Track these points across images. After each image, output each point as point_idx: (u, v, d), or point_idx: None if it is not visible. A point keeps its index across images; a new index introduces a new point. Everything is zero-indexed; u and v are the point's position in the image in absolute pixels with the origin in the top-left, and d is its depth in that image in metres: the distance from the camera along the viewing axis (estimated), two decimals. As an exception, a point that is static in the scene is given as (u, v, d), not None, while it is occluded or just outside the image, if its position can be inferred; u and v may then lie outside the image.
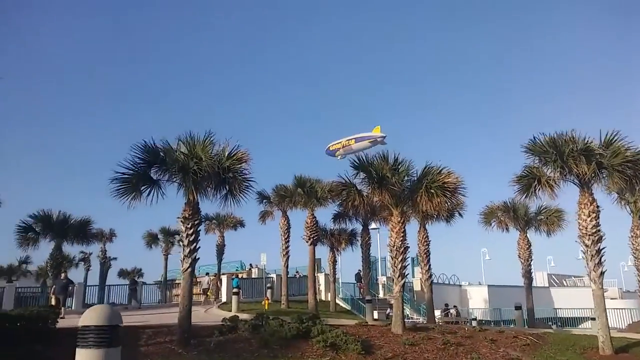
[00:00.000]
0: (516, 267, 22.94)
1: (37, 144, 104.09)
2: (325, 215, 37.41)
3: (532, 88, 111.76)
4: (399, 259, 15.19)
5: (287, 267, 26.57)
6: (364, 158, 15.03)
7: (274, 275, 29.72)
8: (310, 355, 12.73)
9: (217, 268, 33.60)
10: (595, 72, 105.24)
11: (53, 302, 19.44)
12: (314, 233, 24.45)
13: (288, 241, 26.26)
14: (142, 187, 13.23)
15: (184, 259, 13.42)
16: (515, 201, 22.22)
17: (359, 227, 27.62)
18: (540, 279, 45.51)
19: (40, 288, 30.15)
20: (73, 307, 23.51)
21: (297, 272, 32.46)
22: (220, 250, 33.46)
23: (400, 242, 15.22)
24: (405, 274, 15.42)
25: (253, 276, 33.59)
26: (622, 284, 50.93)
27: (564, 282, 46.12)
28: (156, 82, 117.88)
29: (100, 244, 31.86)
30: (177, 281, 35.35)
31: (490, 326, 25.10)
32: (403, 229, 15.40)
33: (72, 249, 29.83)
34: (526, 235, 22.50)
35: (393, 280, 15.44)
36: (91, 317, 4.51)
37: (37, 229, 24.27)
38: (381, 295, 33.80)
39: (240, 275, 33.95)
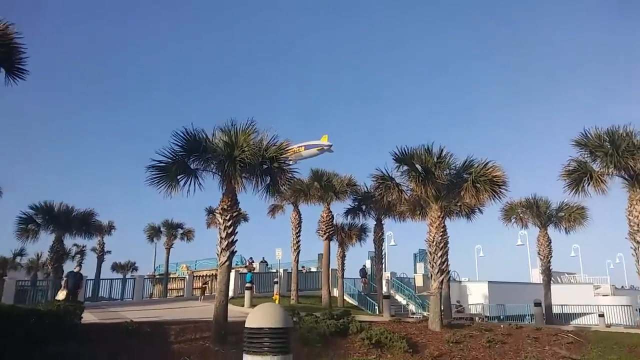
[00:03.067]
0: (511, 264, 22.91)
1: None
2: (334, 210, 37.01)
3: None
4: (439, 254, 14.74)
5: (298, 261, 26.00)
6: (406, 150, 14.48)
7: (281, 270, 29.03)
8: (354, 353, 12.24)
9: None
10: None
11: (62, 296, 18.35)
12: (330, 228, 23.93)
13: (299, 235, 25.70)
14: (180, 176, 12.49)
15: (221, 252, 12.74)
16: (537, 197, 22.11)
17: (369, 222, 27.37)
18: (536, 275, 45.89)
19: (44, 282, 28.70)
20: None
21: (303, 267, 31.84)
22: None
23: (440, 237, 14.77)
24: (445, 269, 14.98)
25: (255, 271, 32.83)
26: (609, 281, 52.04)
27: (559, 278, 46.56)
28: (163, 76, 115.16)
29: (98, 236, 30.64)
30: (171, 275, 34.48)
31: (492, 322, 25.10)
32: (443, 224, 14.96)
33: (67, 242, 28.45)
34: (546, 232, 22.34)
35: (431, 276, 14.97)
36: (264, 318, 3.86)
37: (38, 221, 23.16)
38: (384, 291, 33.45)
39: (240, 271, 33.19)
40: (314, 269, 34.61)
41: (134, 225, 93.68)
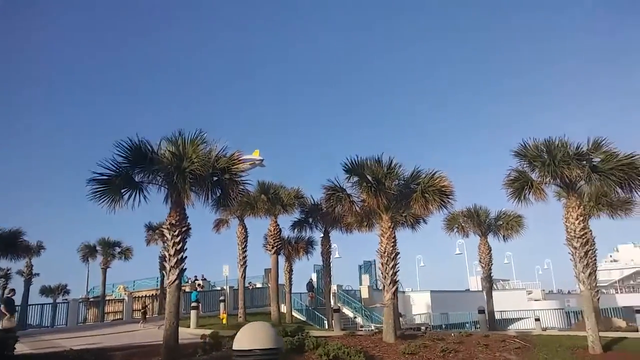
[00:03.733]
0: (449, 273, 23.69)
1: None
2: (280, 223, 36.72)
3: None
4: (390, 265, 14.84)
5: (245, 278, 25.34)
6: (357, 161, 14.54)
7: (227, 288, 28.16)
8: (312, 370, 11.97)
9: (159, 281, 31.17)
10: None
11: (11, 323, 16.46)
12: (277, 241, 23.53)
13: (245, 250, 25.08)
14: (124, 190, 11.77)
15: (170, 270, 12.11)
16: (477, 207, 22.95)
17: (315, 235, 27.25)
18: (474, 283, 47.69)
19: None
20: None
21: (249, 283, 31.09)
22: (164, 262, 31.08)
23: (391, 248, 14.89)
24: (397, 280, 15.10)
25: (198, 290, 31.64)
26: (540, 286, 55.13)
27: (495, 285, 48.63)
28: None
29: (26, 258, 28.24)
30: (108, 298, 32.47)
31: (439, 331, 25.69)
32: (393, 235, 15.10)
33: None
34: (487, 240, 23.20)
35: (384, 287, 15.02)
36: (254, 339, 3.55)
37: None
38: (333, 304, 33.32)
39: (183, 289, 31.88)
40: (259, 285, 33.91)
41: (64, 245, 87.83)
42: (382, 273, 15.02)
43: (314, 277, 35.36)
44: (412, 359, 12.83)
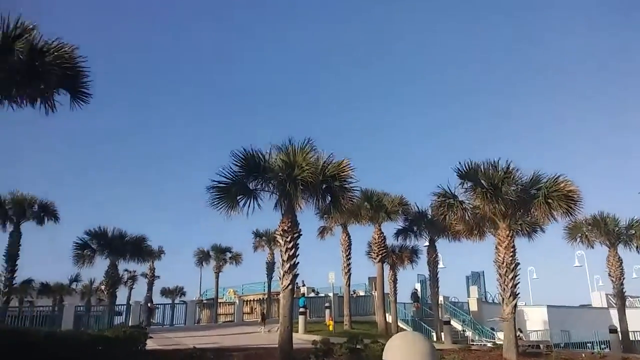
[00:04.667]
0: (565, 287, 21.27)
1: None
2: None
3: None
4: (510, 276, 13.81)
5: (350, 285, 25.31)
6: (471, 165, 13.78)
7: (331, 295, 28.32)
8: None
9: (267, 286, 32.33)
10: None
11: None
12: (382, 249, 23.14)
13: (349, 258, 25.12)
14: (239, 197, 12.26)
15: (283, 275, 12.32)
16: (605, 214, 20.73)
17: (419, 243, 26.51)
18: (597, 298, 43.19)
19: (98, 307, 29.13)
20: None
21: (353, 291, 31.03)
22: (271, 268, 32.24)
23: (510, 258, 13.87)
24: (517, 293, 14.00)
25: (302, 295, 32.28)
26: None
27: (627, 302, 43.59)
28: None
29: (149, 261, 30.98)
30: (220, 300, 34.29)
31: (561, 350, 23.38)
32: (512, 244, 14.07)
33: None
34: (616, 252, 20.83)
35: (502, 300, 14.00)
36: (408, 350, 3.31)
37: (93, 246, 23.53)
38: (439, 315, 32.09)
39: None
40: (362, 293, 33.73)
41: (178, 250, 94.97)
42: (500, 285, 14.02)
43: (417, 287, 34.39)
44: (539, 379, 11.83)
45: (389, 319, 26.55)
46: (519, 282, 14.03)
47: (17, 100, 10.27)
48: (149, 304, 18.07)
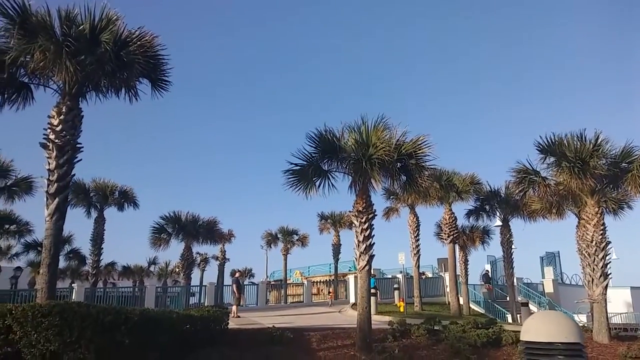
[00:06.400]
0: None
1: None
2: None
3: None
4: (600, 256, 12.98)
5: (419, 266, 24.93)
6: (554, 139, 12.95)
7: (400, 276, 28.06)
8: (514, 366, 11.07)
9: (334, 268, 32.57)
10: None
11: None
12: (453, 230, 22.56)
13: (418, 239, 24.70)
14: (314, 178, 12.23)
15: (359, 255, 12.20)
16: None
17: (490, 223, 25.64)
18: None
19: (174, 288, 30.66)
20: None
21: (423, 272, 30.63)
22: (337, 250, 32.40)
23: (600, 237, 13.02)
24: (608, 273, 13.14)
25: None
26: None
27: None
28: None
29: (220, 244, 32.10)
30: (288, 281, 34.98)
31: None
32: (602, 221, 13.19)
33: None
34: None
35: (592, 281, 13.18)
36: (554, 330, 3.09)
37: (169, 230, 24.59)
38: (520, 299, 31.05)
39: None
40: (429, 275, 33.22)
41: (242, 233, 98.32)
42: (589, 265, 13.19)
43: (488, 267, 33.40)
44: (639, 365, 11.03)
45: (461, 300, 26.00)
46: (610, 262, 13.18)
47: (103, 90, 10.75)
48: (234, 285, 19.11)
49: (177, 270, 30.99)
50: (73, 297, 19.58)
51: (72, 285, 22.87)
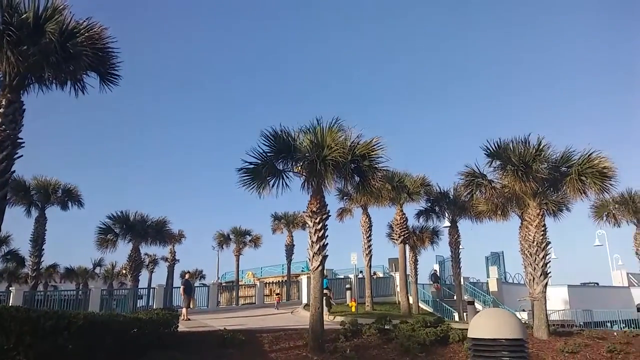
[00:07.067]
0: (584, 266, 20.89)
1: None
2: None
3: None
4: (540, 255, 13.67)
5: (370, 267, 25.28)
6: (500, 143, 13.53)
7: (352, 276, 28.37)
8: (463, 364, 11.46)
9: (286, 269, 32.50)
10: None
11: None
12: (404, 231, 23.05)
13: (370, 240, 25.03)
14: (269, 177, 12.17)
15: (312, 256, 12.27)
16: (633, 192, 20.32)
17: (439, 224, 26.45)
18: (617, 278, 42.83)
19: (121, 291, 29.53)
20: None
21: (374, 272, 31.09)
22: (290, 250, 32.35)
23: (541, 237, 13.71)
24: (548, 272, 13.85)
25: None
26: None
27: (646, 281, 43.16)
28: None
29: (170, 245, 31.25)
30: (240, 283, 34.56)
31: (581, 328, 23.15)
32: (543, 222, 13.88)
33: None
34: (644, 231, 20.45)
35: (532, 279, 13.85)
36: (497, 327, 3.19)
37: (116, 230, 23.73)
38: (466, 297, 32.07)
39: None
40: (380, 275, 33.77)
41: (193, 233, 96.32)
42: (530, 264, 13.84)
43: (436, 267, 34.34)
44: (574, 358, 11.68)
45: (411, 300, 26.59)
46: (550, 261, 13.91)
47: (47, 82, 10.23)
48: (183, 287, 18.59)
49: (124, 272, 30.01)
50: (11, 302, 18.51)
51: (10, 288, 21.64)
